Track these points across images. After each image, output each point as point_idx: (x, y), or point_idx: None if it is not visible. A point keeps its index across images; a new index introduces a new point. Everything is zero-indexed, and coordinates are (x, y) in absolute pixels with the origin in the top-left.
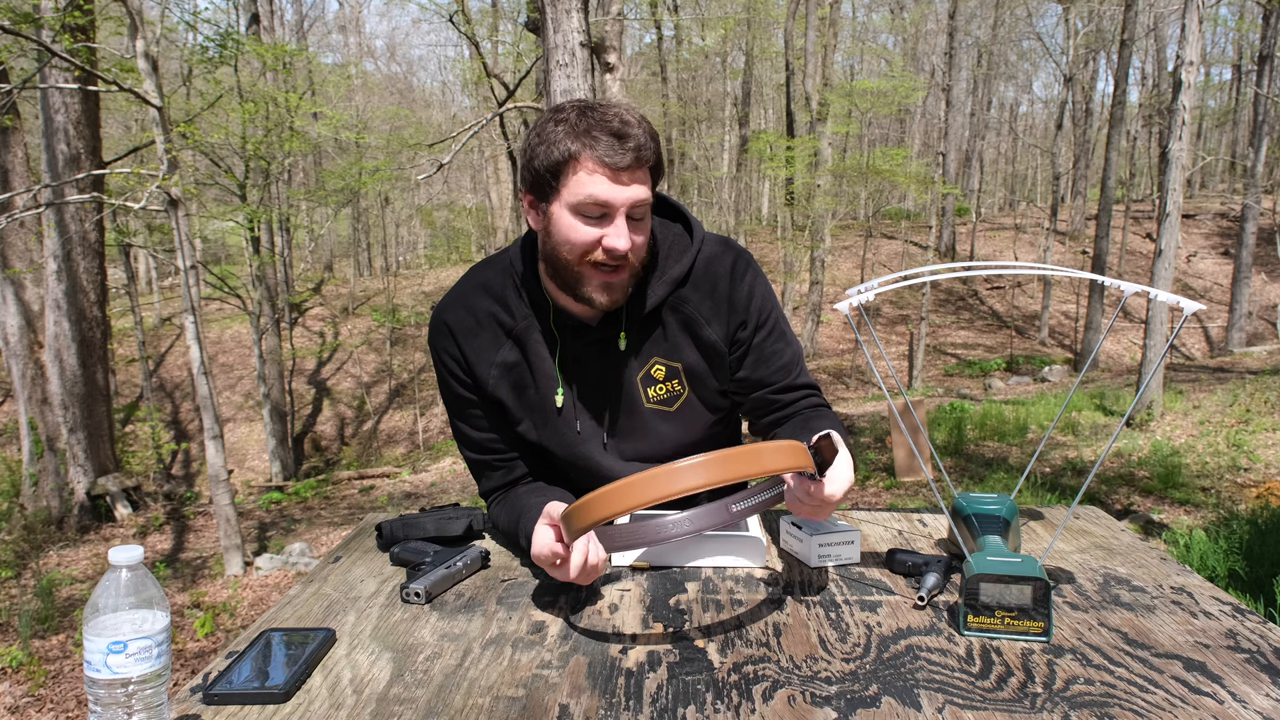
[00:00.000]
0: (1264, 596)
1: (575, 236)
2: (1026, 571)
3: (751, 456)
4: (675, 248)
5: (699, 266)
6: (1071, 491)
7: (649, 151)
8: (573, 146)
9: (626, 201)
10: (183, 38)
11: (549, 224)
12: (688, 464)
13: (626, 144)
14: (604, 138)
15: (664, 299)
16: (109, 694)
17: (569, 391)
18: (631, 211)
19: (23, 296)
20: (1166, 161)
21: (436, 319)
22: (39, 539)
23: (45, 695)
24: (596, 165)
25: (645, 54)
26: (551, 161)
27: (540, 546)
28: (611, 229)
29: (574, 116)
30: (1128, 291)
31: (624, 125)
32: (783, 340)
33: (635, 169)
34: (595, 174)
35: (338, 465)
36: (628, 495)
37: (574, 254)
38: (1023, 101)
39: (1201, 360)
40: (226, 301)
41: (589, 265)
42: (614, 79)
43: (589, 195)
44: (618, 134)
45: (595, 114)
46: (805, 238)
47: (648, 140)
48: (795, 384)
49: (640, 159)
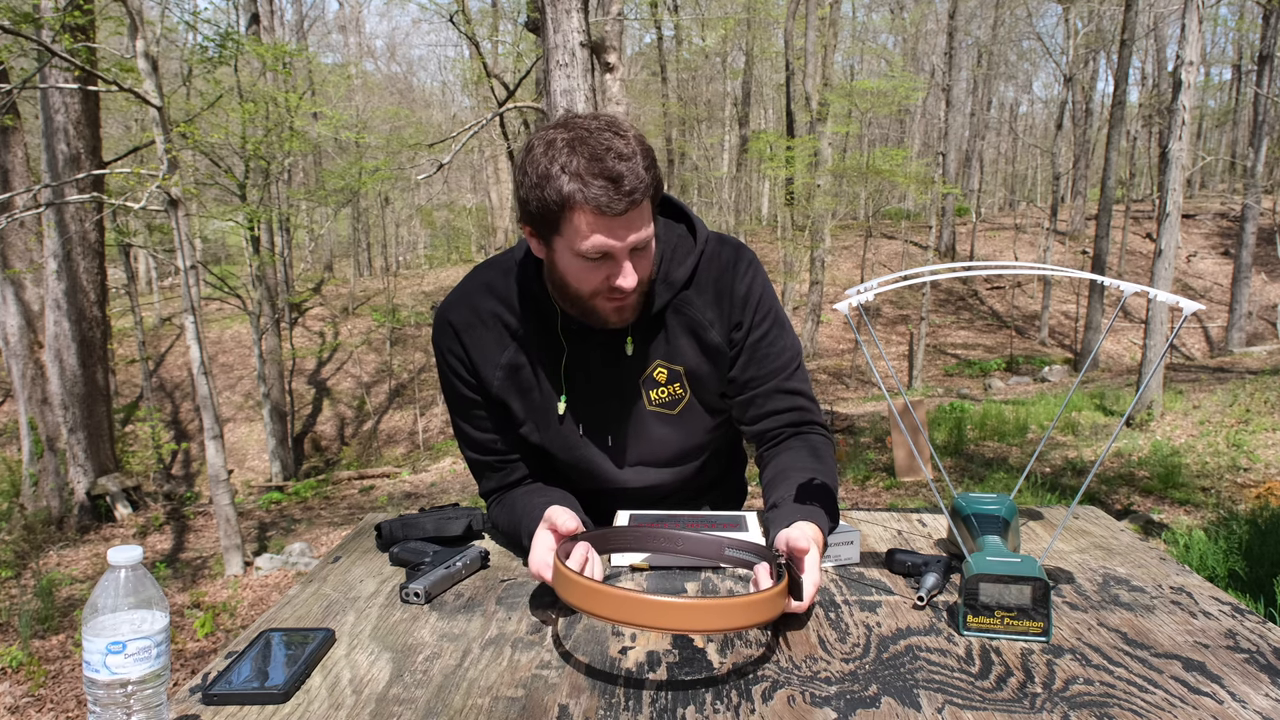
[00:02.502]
0: (1264, 596)
1: (582, 278)
2: (1026, 571)
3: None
4: (679, 250)
5: (702, 268)
6: (1071, 491)
7: (646, 187)
8: (567, 190)
9: (630, 244)
10: (183, 38)
11: (553, 259)
12: (687, 604)
13: (622, 188)
14: (598, 183)
15: (668, 302)
16: (108, 694)
17: (572, 395)
18: (635, 246)
19: (23, 296)
20: (1166, 161)
21: (441, 318)
22: (39, 539)
23: (45, 695)
24: (594, 215)
25: (645, 54)
26: (547, 205)
27: (537, 558)
28: (618, 270)
29: (565, 153)
30: (1127, 291)
31: (619, 161)
32: (780, 341)
33: (634, 209)
34: (594, 223)
35: (338, 465)
36: (619, 608)
37: (582, 291)
38: (1023, 101)
39: (1201, 360)
40: (226, 301)
41: (598, 298)
42: (614, 79)
43: (590, 246)
44: (613, 177)
45: (587, 148)
46: (805, 238)
47: (644, 174)
48: (786, 388)
49: (637, 201)
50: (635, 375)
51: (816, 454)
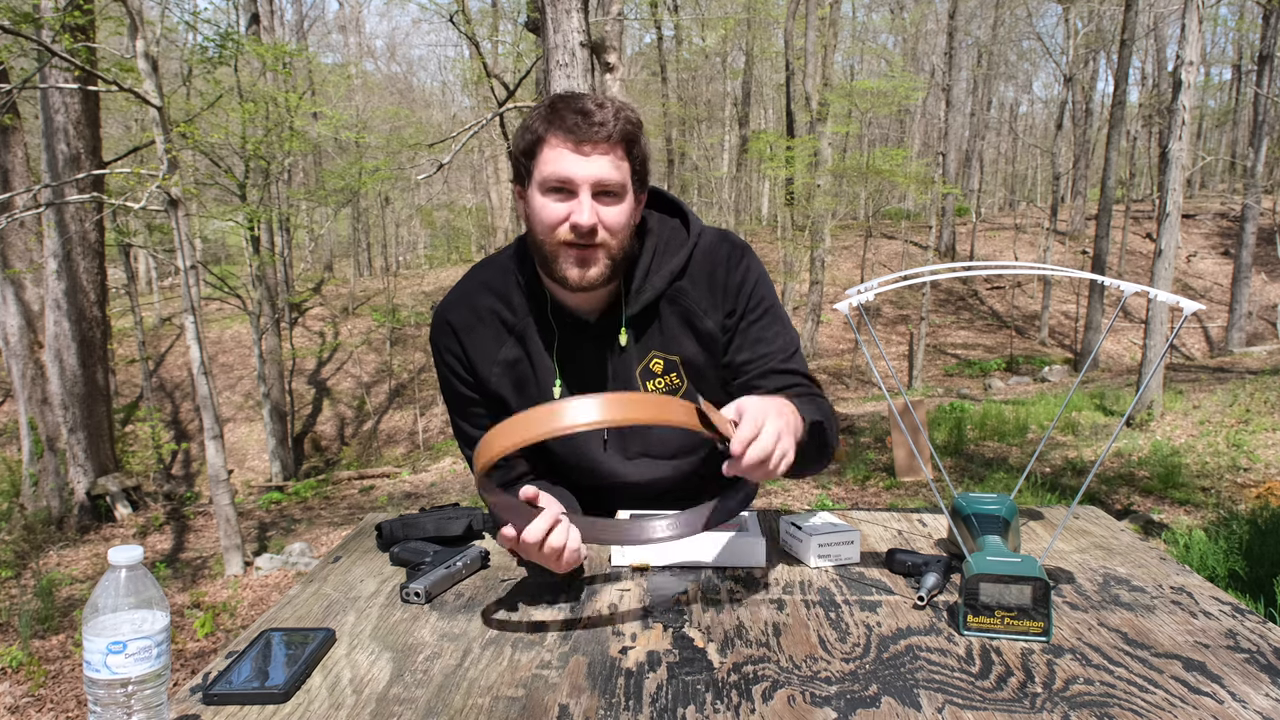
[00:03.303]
0: (1264, 596)
1: (544, 215)
2: (1026, 571)
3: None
4: (673, 241)
5: (696, 258)
6: (1071, 491)
7: (614, 128)
8: (541, 128)
9: (590, 177)
10: (183, 38)
11: (527, 208)
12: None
13: (591, 119)
14: (570, 115)
15: (662, 291)
16: (108, 694)
17: (569, 388)
18: (599, 189)
19: (23, 296)
20: (1166, 161)
21: (439, 317)
22: (39, 539)
23: (45, 695)
24: (560, 142)
25: (645, 54)
26: (525, 145)
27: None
28: (575, 204)
29: (549, 103)
30: (1127, 291)
31: (595, 107)
32: (775, 327)
33: (600, 144)
34: (558, 149)
35: (338, 465)
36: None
37: (546, 233)
38: (1023, 101)
39: (1201, 360)
40: (226, 301)
41: (561, 245)
42: (614, 79)
43: (553, 171)
44: (583, 111)
45: (570, 99)
46: (805, 238)
47: (617, 119)
48: (782, 368)
49: (606, 134)
50: (632, 367)
51: (818, 407)
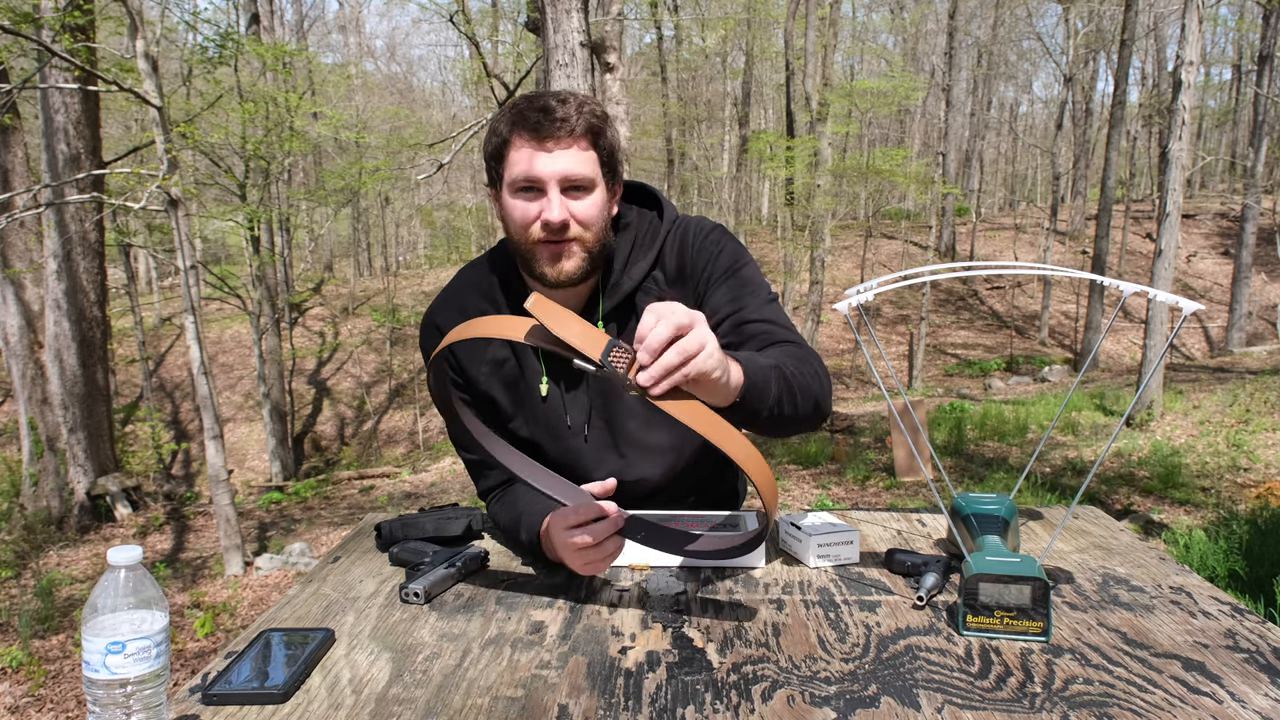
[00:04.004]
0: (1264, 596)
1: (517, 215)
2: (1025, 571)
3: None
4: (649, 234)
5: (668, 248)
6: (1071, 491)
7: (577, 122)
8: (506, 130)
9: (557, 173)
10: (183, 38)
11: (502, 210)
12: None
13: (552, 115)
14: (532, 114)
15: (638, 284)
16: (108, 694)
17: (555, 385)
18: (568, 184)
19: (23, 296)
20: (1166, 161)
21: (428, 321)
22: (39, 539)
23: (45, 695)
24: (524, 141)
25: (645, 54)
26: (492, 148)
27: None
28: (545, 201)
29: (513, 104)
30: (1127, 291)
31: (557, 103)
32: (747, 288)
33: (564, 139)
34: (523, 149)
35: (338, 465)
36: (482, 326)
37: (520, 232)
38: (1023, 101)
39: (1201, 360)
40: (226, 301)
41: (536, 243)
42: (614, 79)
43: (521, 171)
44: (544, 109)
45: (532, 98)
46: (805, 238)
47: (579, 113)
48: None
49: (569, 129)
50: None
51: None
